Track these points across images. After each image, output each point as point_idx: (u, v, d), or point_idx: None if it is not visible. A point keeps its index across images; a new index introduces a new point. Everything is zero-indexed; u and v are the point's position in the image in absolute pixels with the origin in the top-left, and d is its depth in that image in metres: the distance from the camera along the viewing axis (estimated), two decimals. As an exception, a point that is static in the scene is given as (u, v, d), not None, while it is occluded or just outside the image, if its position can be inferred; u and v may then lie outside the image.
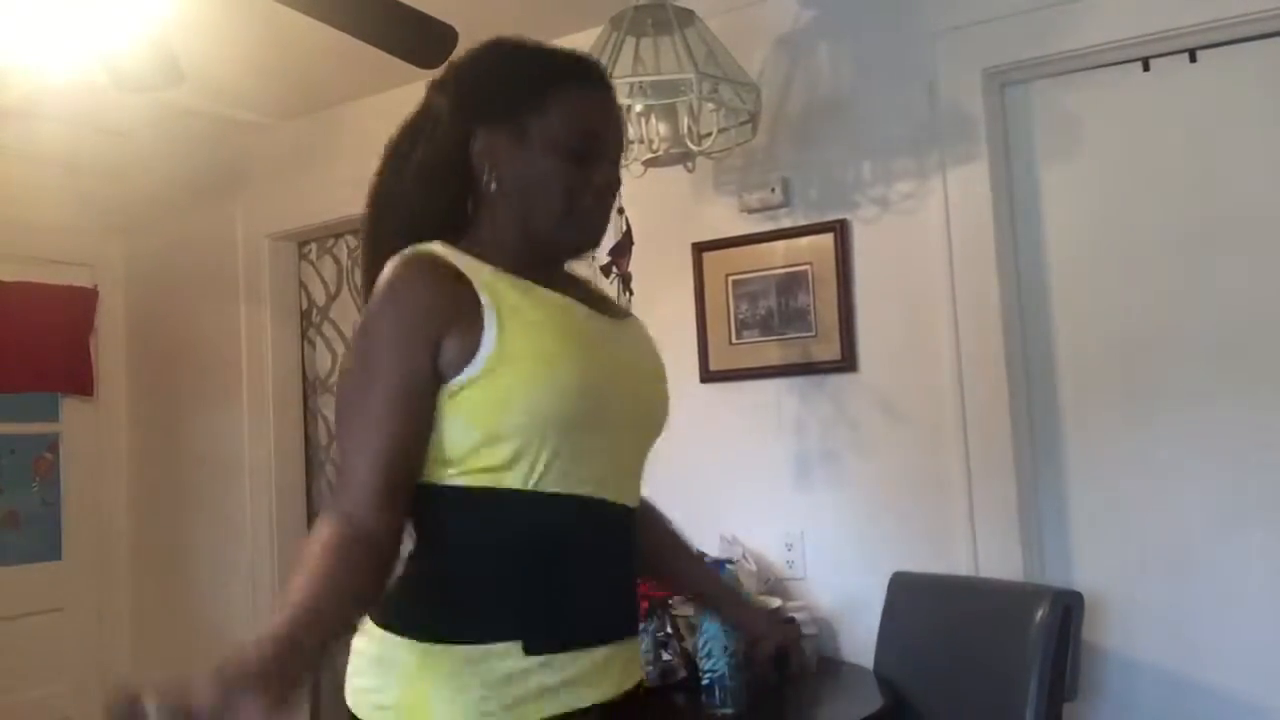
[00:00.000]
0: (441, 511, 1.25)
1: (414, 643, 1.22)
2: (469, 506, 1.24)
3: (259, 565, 3.84)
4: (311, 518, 3.94)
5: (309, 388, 3.98)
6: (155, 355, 4.20)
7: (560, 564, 1.25)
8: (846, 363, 2.67)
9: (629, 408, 1.32)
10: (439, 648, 1.22)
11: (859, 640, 2.57)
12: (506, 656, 1.21)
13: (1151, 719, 2.39)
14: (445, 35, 2.32)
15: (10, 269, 3.91)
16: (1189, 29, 2.32)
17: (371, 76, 3.28)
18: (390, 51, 2.37)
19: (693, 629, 2.27)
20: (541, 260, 1.34)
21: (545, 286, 1.31)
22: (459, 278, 1.23)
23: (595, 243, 1.40)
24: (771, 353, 2.78)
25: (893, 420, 2.62)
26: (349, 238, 3.86)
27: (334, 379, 3.91)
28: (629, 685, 1.34)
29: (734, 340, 2.83)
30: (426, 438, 1.22)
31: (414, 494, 1.23)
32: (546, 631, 1.23)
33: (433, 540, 1.27)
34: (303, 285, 3.99)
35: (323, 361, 3.94)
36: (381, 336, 1.22)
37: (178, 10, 2.45)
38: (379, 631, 1.25)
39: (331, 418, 3.89)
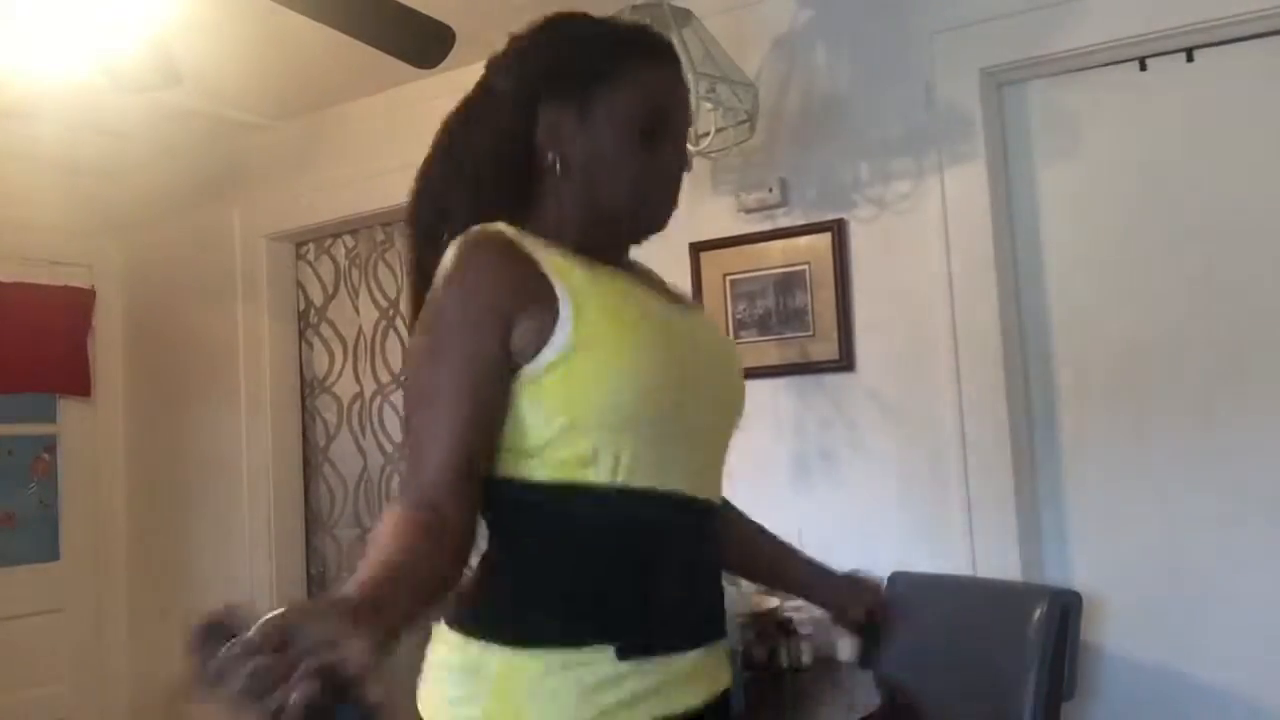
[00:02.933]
0: (522, 507, 1.19)
1: (500, 647, 1.15)
2: (552, 502, 1.17)
3: (257, 565, 3.84)
4: (310, 519, 3.94)
5: (306, 388, 3.98)
6: (153, 356, 4.20)
7: (649, 563, 1.20)
8: (844, 362, 2.67)
9: (710, 397, 1.27)
10: (527, 652, 1.15)
11: (857, 640, 2.57)
12: (599, 661, 1.15)
13: (1149, 719, 2.39)
14: (443, 35, 2.32)
15: (8, 269, 3.91)
16: (1186, 28, 2.32)
17: (369, 77, 3.28)
18: (388, 51, 2.37)
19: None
20: (609, 242, 1.30)
21: (611, 268, 1.26)
22: (528, 260, 1.18)
23: (663, 223, 1.34)
24: (769, 352, 2.78)
25: (890, 420, 2.62)
26: (346, 238, 3.86)
27: (331, 380, 3.91)
28: (719, 689, 1.28)
29: (732, 340, 2.83)
30: (499, 422, 1.16)
31: (491, 489, 1.17)
32: (639, 635, 1.17)
33: (514, 539, 1.20)
34: (300, 286, 3.99)
35: (320, 362, 3.94)
36: (451, 317, 1.16)
37: (175, 11, 2.45)
38: (458, 637, 1.18)
39: (330, 418, 3.90)
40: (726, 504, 1.46)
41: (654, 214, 1.32)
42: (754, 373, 2.78)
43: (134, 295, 4.27)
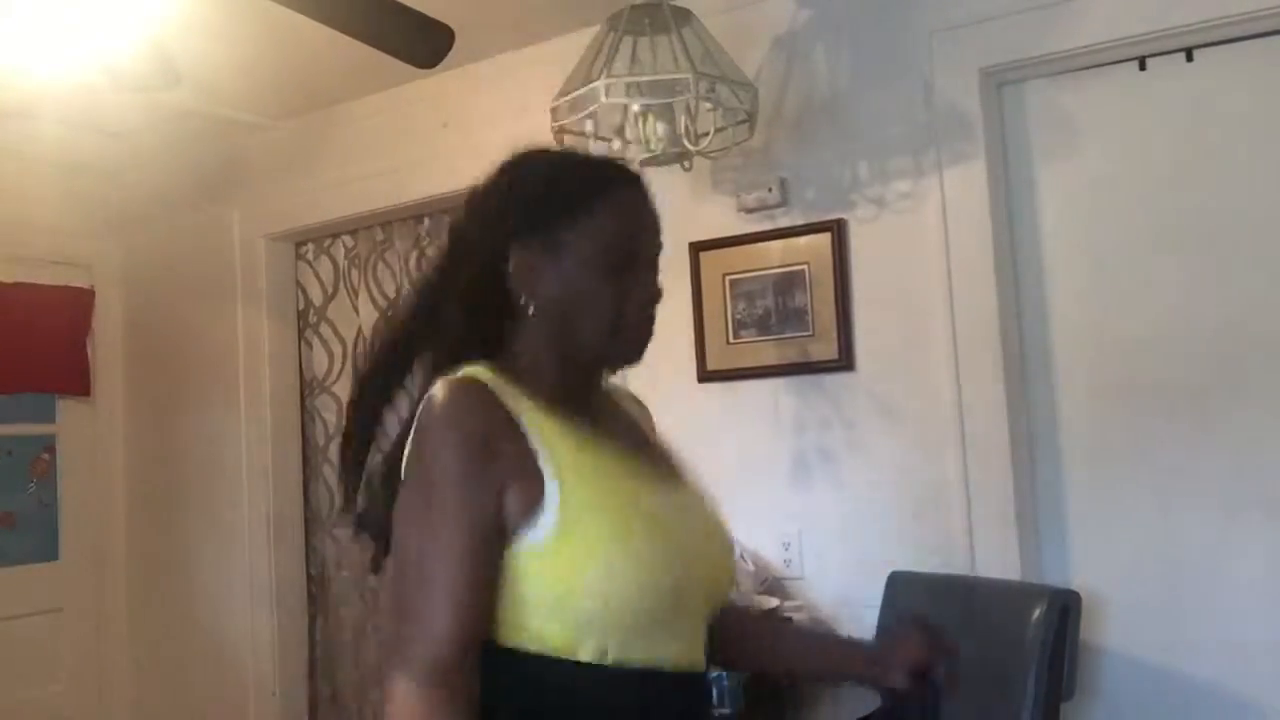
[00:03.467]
0: (512, 678, 1.17)
1: None
2: (539, 675, 1.16)
3: (256, 565, 3.84)
4: (309, 518, 3.94)
5: (306, 388, 3.97)
6: (152, 356, 4.20)
7: None
8: (844, 362, 2.67)
9: (701, 581, 1.25)
10: None
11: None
12: None
13: (1148, 718, 2.39)
14: (442, 35, 2.32)
15: (7, 270, 3.91)
16: (1186, 28, 2.32)
17: (368, 76, 3.27)
18: (387, 51, 2.37)
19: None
20: (585, 378, 1.30)
21: (589, 414, 1.25)
22: (514, 424, 1.16)
23: (639, 354, 1.31)
24: (769, 352, 2.78)
25: (890, 419, 2.62)
26: (346, 238, 3.86)
27: (330, 379, 3.90)
28: None
29: (731, 340, 2.83)
30: (496, 584, 1.14)
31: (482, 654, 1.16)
32: None
33: (502, 709, 1.17)
34: (300, 286, 3.99)
35: (320, 362, 3.94)
36: (445, 477, 1.13)
37: (175, 11, 2.45)
38: None
39: (329, 419, 3.90)
40: (733, 605, 1.43)
41: (630, 345, 1.29)
42: (753, 373, 2.79)
43: (133, 295, 4.27)
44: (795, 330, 2.74)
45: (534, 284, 1.25)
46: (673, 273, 2.86)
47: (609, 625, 1.14)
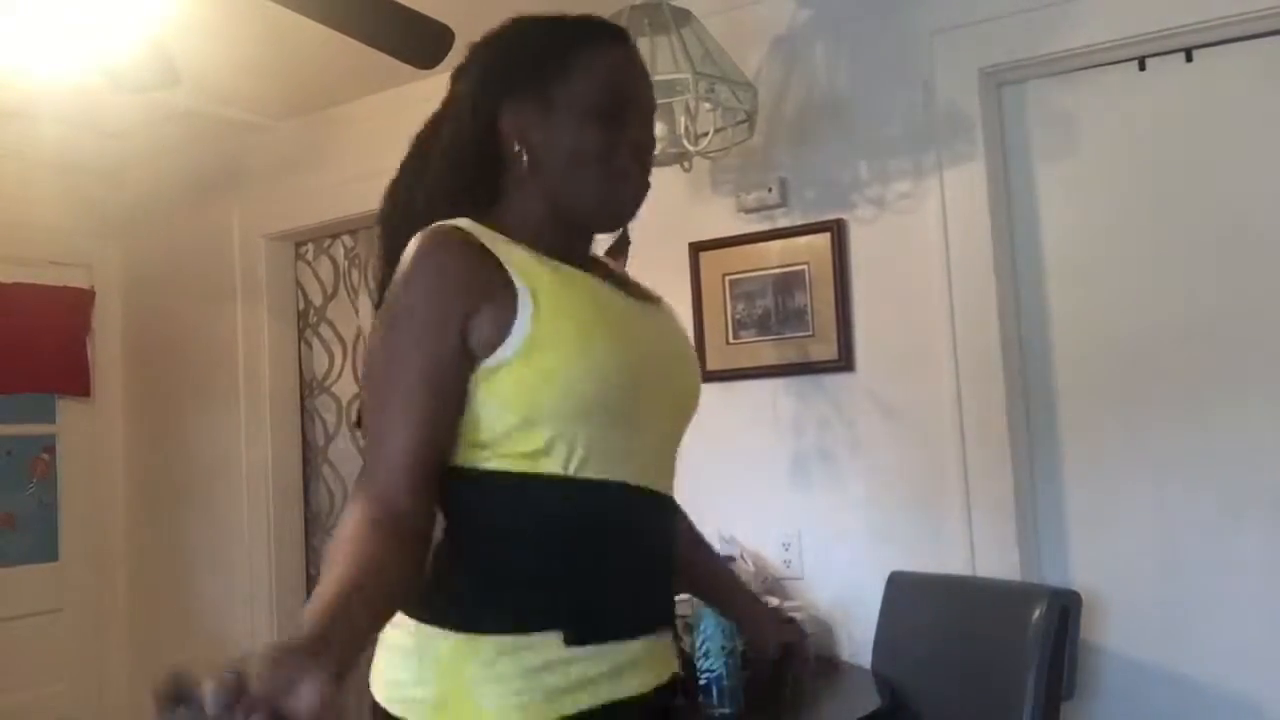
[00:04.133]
0: (476, 497, 1.22)
1: (451, 633, 1.19)
2: (506, 492, 1.20)
3: (256, 565, 3.84)
4: (309, 519, 3.94)
5: (306, 388, 3.97)
6: (152, 356, 4.20)
7: (601, 553, 1.23)
8: (843, 362, 2.67)
9: (664, 392, 1.30)
10: (477, 638, 1.18)
11: (857, 640, 2.58)
12: (546, 647, 1.18)
13: (1148, 718, 2.39)
14: (441, 35, 2.32)
15: (7, 270, 3.91)
16: (1185, 28, 2.32)
17: (368, 76, 3.28)
18: (386, 51, 2.37)
19: (690, 629, 2.27)
20: (573, 235, 1.32)
21: (573, 266, 1.27)
22: (487, 254, 1.19)
23: (634, 207, 1.34)
24: (768, 352, 2.78)
25: (890, 420, 2.62)
26: (345, 238, 3.86)
27: (330, 380, 3.91)
28: (666, 677, 1.31)
29: (731, 340, 2.83)
30: (457, 418, 1.19)
31: (445, 478, 1.19)
32: (587, 622, 1.20)
33: (467, 527, 1.23)
34: (299, 286, 3.99)
35: (320, 362, 3.94)
36: (409, 313, 1.18)
37: (174, 11, 2.45)
38: (412, 623, 1.21)
39: (329, 419, 3.90)
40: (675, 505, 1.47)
41: (623, 196, 1.32)
42: (753, 373, 2.79)
43: (133, 296, 4.27)
44: (795, 330, 2.75)
45: (527, 139, 1.28)
46: (672, 273, 2.89)
47: (573, 428, 1.18)
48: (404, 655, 1.21)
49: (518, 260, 1.21)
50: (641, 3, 2.46)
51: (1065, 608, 2.11)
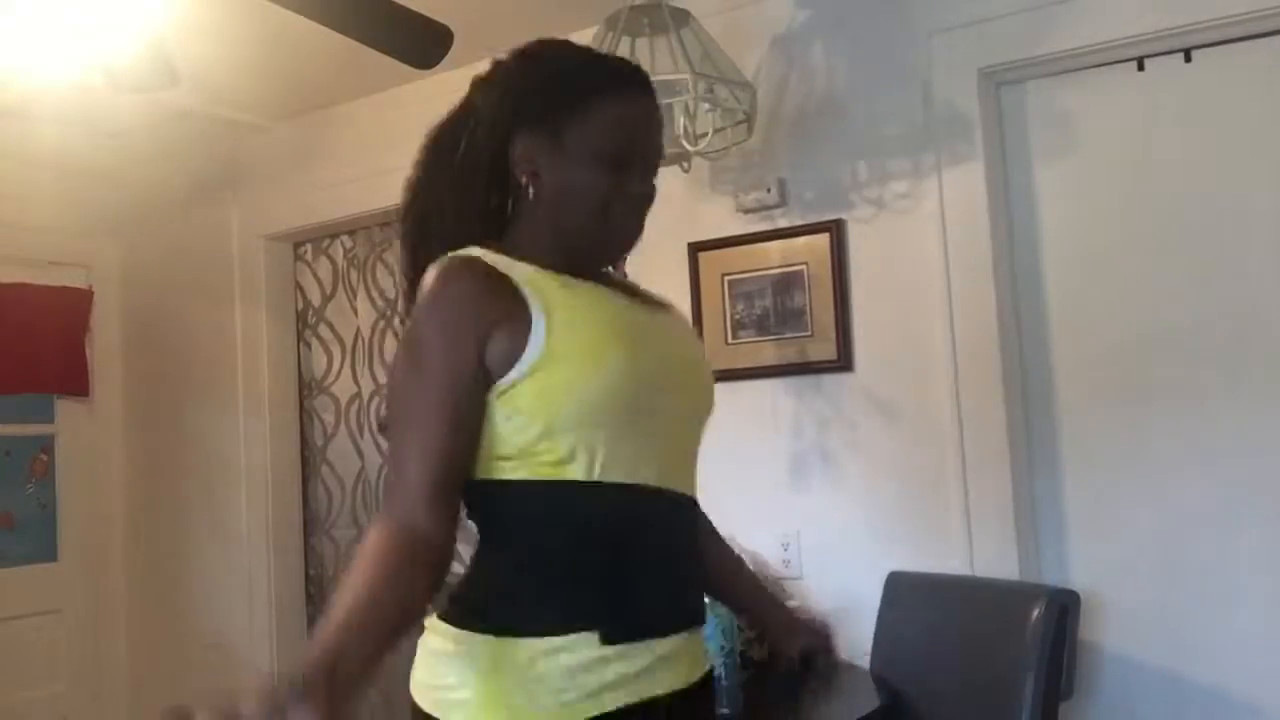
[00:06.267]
0: (506, 506, 1.26)
1: (489, 637, 1.23)
2: (534, 499, 1.25)
3: (255, 566, 3.83)
4: (308, 519, 3.94)
5: (304, 389, 3.97)
6: (151, 356, 4.20)
7: (630, 554, 1.26)
8: (842, 362, 2.67)
9: (679, 396, 1.34)
10: (514, 640, 1.22)
11: (856, 640, 2.57)
12: (583, 647, 1.22)
13: (1147, 717, 2.39)
14: (441, 35, 2.32)
15: (5, 270, 3.91)
16: (1184, 28, 2.33)
17: (367, 77, 3.28)
18: (386, 52, 2.37)
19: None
20: (577, 265, 1.35)
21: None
22: (501, 278, 1.24)
23: (627, 250, 1.40)
24: (768, 353, 2.78)
25: (889, 420, 2.62)
26: (344, 238, 3.86)
27: (329, 380, 3.91)
28: (700, 674, 1.35)
29: (730, 340, 2.83)
30: (477, 437, 1.23)
31: (470, 492, 1.25)
32: (621, 621, 1.24)
33: (499, 535, 1.28)
34: (298, 286, 3.99)
35: (318, 362, 3.94)
36: (428, 339, 1.23)
37: (173, 12, 2.45)
38: (449, 628, 1.26)
39: (328, 419, 3.90)
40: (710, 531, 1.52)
41: (618, 242, 1.37)
42: (752, 373, 2.79)
43: (132, 296, 4.27)
44: (794, 331, 2.75)
45: (535, 168, 1.32)
46: (671, 273, 2.89)
47: (593, 434, 1.22)
48: (446, 659, 1.25)
49: (530, 279, 1.25)
50: (641, 3, 2.46)
51: (1064, 607, 2.11)
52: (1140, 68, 2.44)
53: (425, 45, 2.35)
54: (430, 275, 1.25)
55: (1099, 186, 2.49)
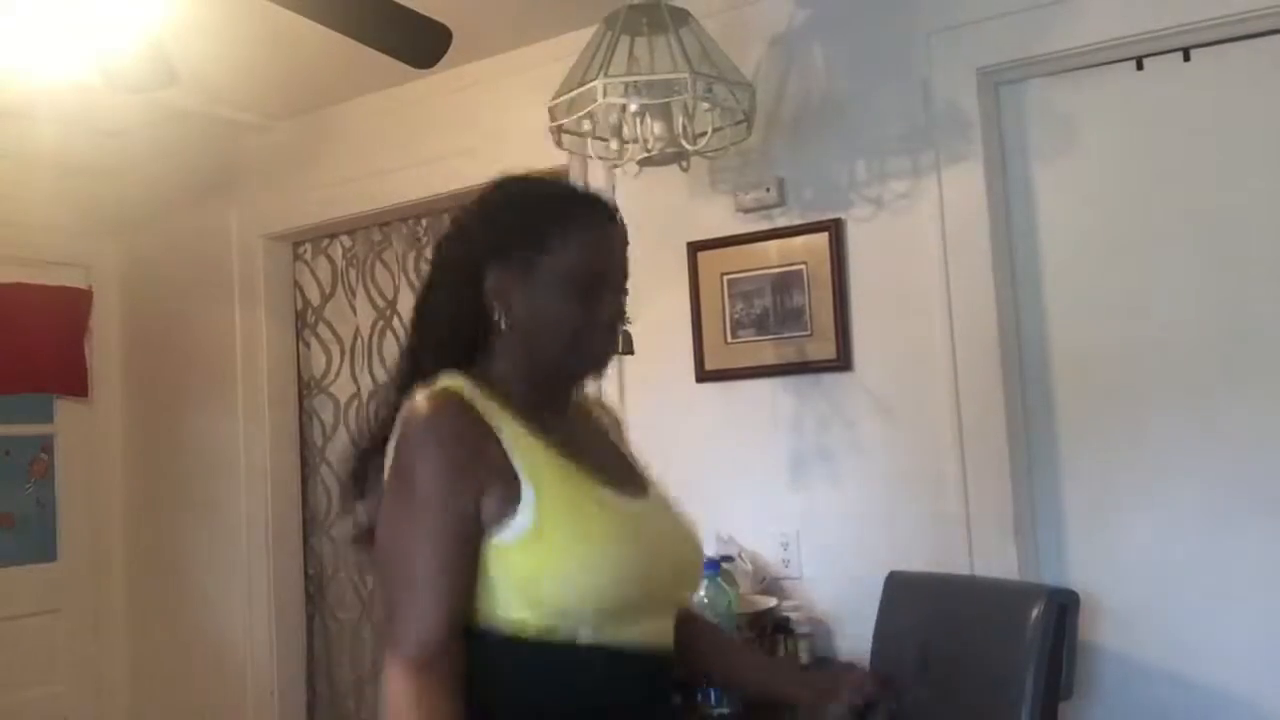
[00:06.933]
0: (488, 658, 1.27)
1: None
2: (512, 656, 1.27)
3: (254, 566, 3.83)
4: (307, 518, 3.94)
5: (304, 388, 3.97)
6: (150, 356, 4.19)
7: (610, 714, 1.29)
8: (842, 362, 2.67)
9: (667, 579, 1.37)
10: None
11: (855, 640, 2.57)
12: None
13: (1147, 717, 2.39)
14: (440, 34, 2.32)
15: (5, 270, 3.91)
16: (1183, 28, 2.32)
17: (366, 76, 3.27)
18: (385, 51, 2.37)
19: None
20: (553, 389, 1.41)
21: (561, 422, 1.37)
22: (489, 431, 1.27)
23: (602, 369, 1.44)
24: (767, 352, 2.78)
25: (888, 419, 2.62)
26: (344, 238, 3.86)
27: (328, 380, 3.90)
28: None
29: (729, 340, 2.83)
30: (475, 576, 1.26)
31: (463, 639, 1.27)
32: None
33: (482, 687, 1.28)
34: (297, 286, 3.99)
35: (318, 362, 3.94)
36: (428, 472, 1.25)
37: (172, 11, 2.45)
38: None
39: (327, 419, 3.90)
40: (694, 615, 1.56)
41: (592, 363, 1.42)
42: (751, 373, 2.79)
43: (131, 296, 4.26)
44: (793, 330, 2.75)
45: (508, 301, 1.37)
46: (670, 273, 2.89)
47: (579, 616, 1.26)
48: None
49: (516, 437, 1.29)
50: (640, 2, 2.45)
51: (1063, 607, 2.11)
52: (1139, 67, 2.44)
53: (424, 44, 2.35)
54: (420, 406, 1.27)
55: (1098, 186, 2.49)
